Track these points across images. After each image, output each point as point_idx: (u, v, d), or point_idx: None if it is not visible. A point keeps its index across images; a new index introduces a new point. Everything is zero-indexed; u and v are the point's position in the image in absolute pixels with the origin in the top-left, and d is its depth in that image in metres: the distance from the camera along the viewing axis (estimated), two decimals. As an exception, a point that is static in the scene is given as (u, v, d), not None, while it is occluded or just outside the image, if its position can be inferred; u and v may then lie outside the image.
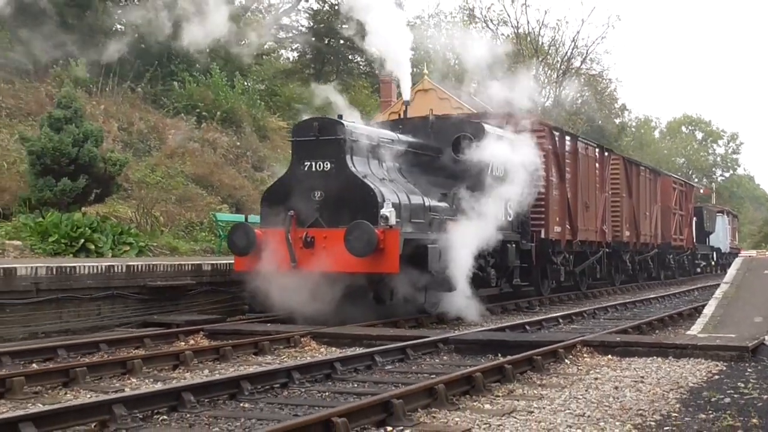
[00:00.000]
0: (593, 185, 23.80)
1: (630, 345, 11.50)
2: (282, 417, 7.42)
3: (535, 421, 7.26)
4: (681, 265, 36.17)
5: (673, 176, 36.22)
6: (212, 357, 10.80)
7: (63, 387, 8.89)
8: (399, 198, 14.57)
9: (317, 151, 14.34)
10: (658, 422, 7.21)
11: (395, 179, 15.39)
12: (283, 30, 41.38)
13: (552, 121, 29.46)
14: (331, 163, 14.26)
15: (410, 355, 11.14)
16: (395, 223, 13.66)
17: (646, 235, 29.69)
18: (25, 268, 12.82)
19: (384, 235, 13.41)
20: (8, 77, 24.52)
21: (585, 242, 22.85)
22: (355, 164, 14.44)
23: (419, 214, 15.00)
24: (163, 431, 6.93)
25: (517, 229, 18.24)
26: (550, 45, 51.07)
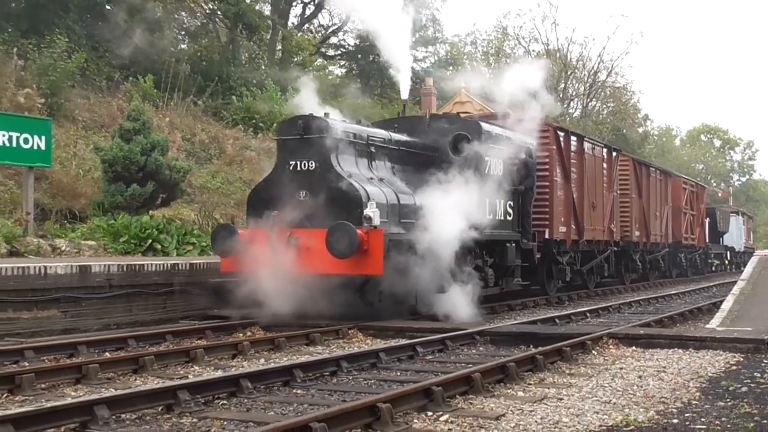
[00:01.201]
0: (600, 185, 22.19)
1: (653, 337, 11.41)
2: (331, 402, 7.43)
3: (564, 408, 7.22)
4: (693, 264, 34.84)
5: (683, 177, 34.63)
6: (267, 347, 10.85)
7: (133, 374, 8.99)
8: (387, 198, 13.30)
9: (302, 150, 13.11)
10: (679, 409, 7.14)
11: (386, 179, 13.95)
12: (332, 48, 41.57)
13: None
14: (316, 162, 13.00)
15: (449, 345, 11.12)
16: (379, 224, 12.40)
17: (656, 235, 28.13)
18: (99, 266, 12.98)
19: (367, 236, 12.16)
20: (84, 93, 24.86)
21: (592, 242, 21.34)
22: (341, 163, 13.11)
23: (410, 214, 13.70)
24: (223, 415, 6.97)
25: (517, 229, 16.78)
26: (577, 60, 50.75)
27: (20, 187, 17.36)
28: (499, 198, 15.84)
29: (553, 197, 18.66)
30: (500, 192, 15.76)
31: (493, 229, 15.58)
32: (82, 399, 6.96)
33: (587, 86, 51.47)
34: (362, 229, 12.14)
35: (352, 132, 13.59)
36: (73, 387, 8.26)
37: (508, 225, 16.37)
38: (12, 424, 5.95)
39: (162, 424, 6.67)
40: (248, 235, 12.89)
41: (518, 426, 6.53)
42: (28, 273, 11.96)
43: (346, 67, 42.79)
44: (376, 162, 14.08)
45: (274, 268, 12.10)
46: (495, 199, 15.61)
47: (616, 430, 6.31)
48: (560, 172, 19.26)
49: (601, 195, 21.93)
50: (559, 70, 49.00)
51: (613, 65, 51.65)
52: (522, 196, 16.79)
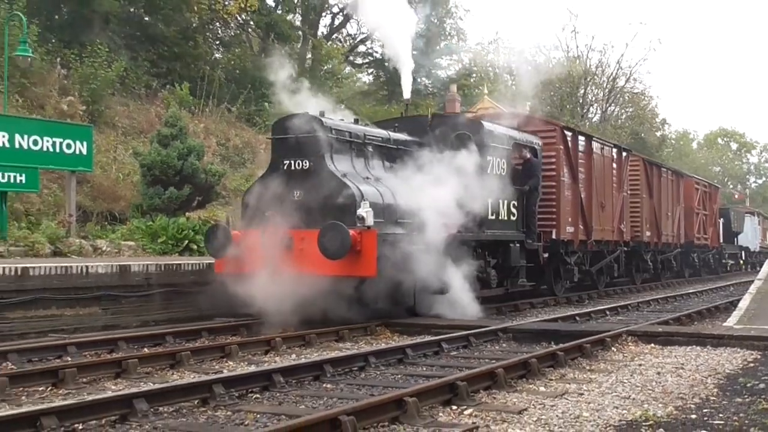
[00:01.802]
0: (610, 185, 21.16)
1: (671, 335, 11.31)
2: (360, 396, 7.43)
3: (585, 402, 7.18)
4: (706, 264, 33.90)
5: (695, 177, 33.50)
6: (299, 343, 10.86)
7: (170, 368, 9.03)
8: (383, 198, 12.52)
9: (296, 150, 12.37)
10: (697, 405, 7.07)
11: (383, 178, 13.13)
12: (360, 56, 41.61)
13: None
14: (309, 161, 12.27)
15: (473, 342, 11.08)
16: (373, 224, 11.62)
17: (668, 235, 27.07)
18: (138, 265, 13.06)
19: (360, 237, 11.43)
20: (124, 100, 25.06)
21: (601, 242, 20.40)
22: (336, 162, 12.36)
23: (407, 214, 12.87)
24: (256, 408, 6.98)
25: (521, 229, 16.00)
26: (597, 67, 50.36)
27: (63, 191, 17.52)
28: (502, 198, 15.17)
29: (560, 197, 17.91)
30: (503, 192, 15.16)
31: (496, 230, 15.02)
32: (122, 392, 7.00)
33: (606, 92, 51.10)
34: (355, 230, 11.45)
35: (347, 131, 12.94)
36: (113, 381, 8.31)
37: (512, 225, 15.69)
38: (56, 416, 6.01)
39: (198, 417, 6.70)
40: (241, 236, 12.24)
41: (540, 420, 6.50)
42: (71, 272, 12.06)
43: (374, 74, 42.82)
44: (373, 161, 13.39)
45: (266, 268, 11.45)
46: (498, 199, 14.96)
47: (635, 425, 6.26)
48: (567, 172, 18.46)
49: (610, 195, 21.12)
50: (578, 77, 48.74)
51: (631, 71, 51.28)
52: (526, 196, 16.15)
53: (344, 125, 13.03)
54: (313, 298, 11.44)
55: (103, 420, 6.36)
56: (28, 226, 15.77)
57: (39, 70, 21.69)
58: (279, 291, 11.23)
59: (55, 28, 25.47)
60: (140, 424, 6.34)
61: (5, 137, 14.49)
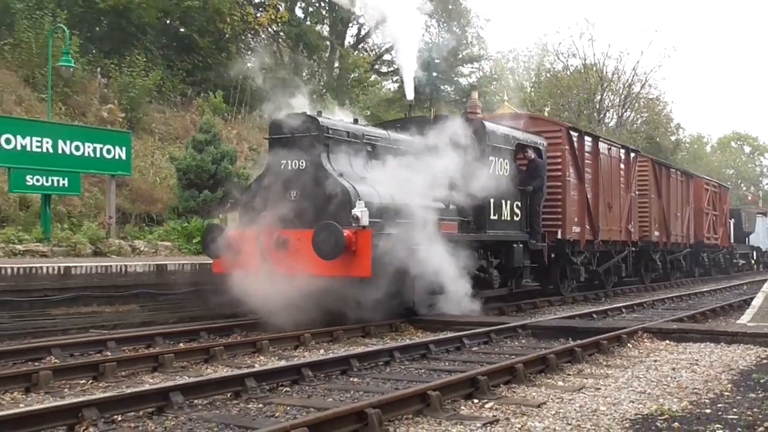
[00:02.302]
0: (617, 185, 20.39)
1: (685, 332, 11.20)
2: (385, 390, 7.42)
3: (601, 397, 7.12)
4: (717, 263, 32.93)
5: (705, 178, 32.53)
6: (327, 339, 10.85)
7: (204, 363, 9.06)
8: (381, 198, 11.83)
9: (293, 149, 11.73)
10: (711, 400, 7.00)
11: (381, 178, 12.36)
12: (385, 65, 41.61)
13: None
14: (306, 161, 11.63)
15: (493, 338, 11.04)
16: (369, 224, 10.97)
17: (677, 235, 26.20)
18: (174, 265, 13.14)
19: (355, 237, 10.82)
20: (161, 108, 25.24)
21: (608, 242, 19.67)
22: (332, 162, 11.71)
23: (406, 214, 12.19)
24: (286, 401, 7.00)
25: (525, 229, 15.37)
26: (613, 73, 50.03)
27: (103, 194, 17.67)
28: (505, 198, 14.58)
29: (566, 197, 17.25)
30: (506, 192, 14.61)
31: (498, 230, 14.40)
32: (158, 386, 7.04)
33: (622, 98, 50.77)
34: (350, 229, 10.83)
35: (345, 130, 12.26)
36: (150, 374, 8.36)
37: (516, 226, 15.05)
38: (97, 408, 6.05)
39: (230, 409, 6.72)
40: (237, 236, 11.62)
41: (558, 413, 6.46)
42: (111, 271, 12.16)
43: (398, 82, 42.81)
44: (372, 161, 12.65)
45: (261, 268, 11.00)
46: (500, 199, 14.38)
47: (651, 419, 6.20)
48: (573, 173, 17.75)
49: (618, 195, 20.36)
50: (595, 83, 48.48)
51: (646, 78, 50.97)
52: (530, 197, 15.52)
53: (341, 124, 12.42)
54: (309, 298, 10.97)
55: (140, 411, 6.39)
56: (70, 228, 15.92)
57: (81, 80, 21.90)
58: (274, 291, 10.80)
59: (96, 39, 25.69)
60: (176, 416, 6.37)
61: (49, 143, 14.63)
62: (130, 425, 6.08)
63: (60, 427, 5.84)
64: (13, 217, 15.92)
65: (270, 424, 5.88)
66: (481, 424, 6.06)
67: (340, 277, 10.94)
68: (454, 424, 6.09)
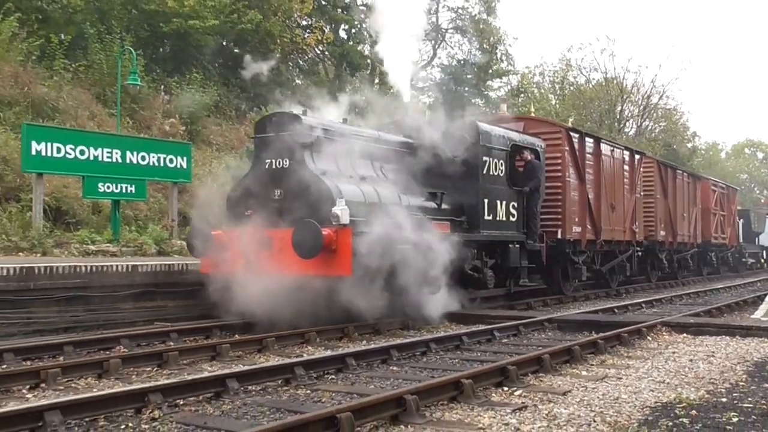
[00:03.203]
0: (621, 186, 19.16)
1: (702, 326, 11.03)
2: (422, 378, 7.41)
3: (623, 386, 7.04)
4: (725, 262, 31.61)
5: (712, 179, 30.91)
6: (369, 331, 10.86)
7: (257, 352, 9.11)
8: (366, 197, 10.91)
9: (277, 148, 10.84)
10: (727, 389, 6.87)
11: (369, 177, 11.52)
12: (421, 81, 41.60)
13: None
14: (289, 159, 10.74)
15: (522, 331, 10.97)
16: (349, 222, 10.09)
17: (683, 235, 24.91)
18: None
19: (336, 235, 9.97)
20: (217, 121, 25.47)
21: (611, 242, 18.51)
22: (316, 161, 10.82)
23: (393, 213, 11.15)
24: (332, 387, 7.02)
25: (522, 230, 14.26)
26: (632, 86, 49.42)
27: (166, 199, 17.86)
28: (500, 199, 13.57)
29: (566, 198, 16.16)
30: (501, 193, 13.62)
31: (492, 230, 13.33)
32: (216, 373, 7.09)
33: (641, 108, 50.13)
34: (331, 228, 9.99)
35: (331, 129, 11.33)
36: (209, 363, 8.44)
37: (512, 226, 13.95)
38: (161, 393, 6.12)
39: (281, 395, 6.76)
40: (222, 236, 10.79)
41: (582, 401, 6.39)
42: (173, 269, 12.29)
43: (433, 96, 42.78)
44: (360, 161, 11.65)
45: (245, 268, 10.21)
46: (495, 199, 13.40)
47: (670, 407, 6.11)
48: (574, 173, 16.66)
49: (621, 196, 19.15)
50: (616, 95, 48.01)
51: (664, 89, 50.30)
52: (527, 198, 14.42)
53: (327, 123, 11.44)
54: (293, 298, 10.18)
55: (200, 396, 6.45)
56: (137, 230, 16.13)
57: (146, 97, 22.19)
58: (258, 291, 10.03)
59: (159, 60, 26.02)
60: (232, 401, 6.41)
61: (118, 154, 14.85)
62: (190, 409, 6.14)
63: (129, 409, 5.92)
64: (86, 220, 16.16)
65: (317, 408, 5.91)
66: (511, 410, 6.02)
67: (322, 276, 10.07)
68: (486, 410, 6.06)
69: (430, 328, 11.60)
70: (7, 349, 8.25)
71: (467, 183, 12.81)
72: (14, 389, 6.80)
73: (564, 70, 50.82)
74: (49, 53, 20.63)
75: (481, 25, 35.09)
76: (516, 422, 5.64)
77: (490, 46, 36.20)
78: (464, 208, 12.87)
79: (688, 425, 5.48)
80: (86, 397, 5.82)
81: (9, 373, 7.08)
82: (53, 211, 15.57)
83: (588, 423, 5.64)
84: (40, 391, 6.85)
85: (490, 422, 5.64)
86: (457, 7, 36.44)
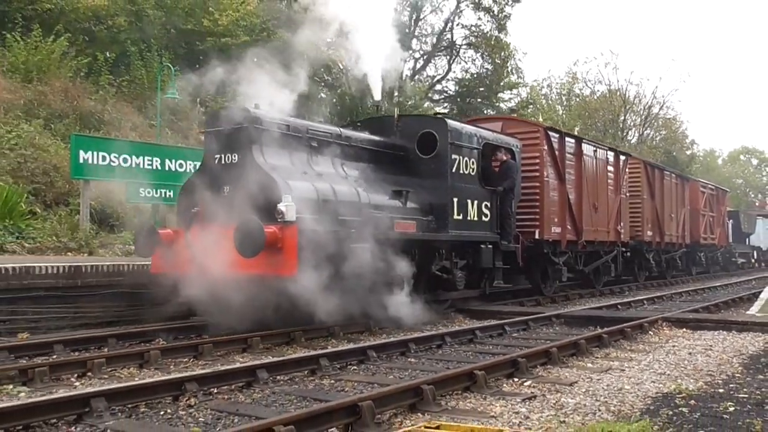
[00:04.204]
0: (605, 187, 17.75)
1: (700, 321, 10.92)
2: (438, 369, 7.38)
3: (626, 377, 6.98)
4: (715, 262, 30.20)
5: (701, 181, 29.37)
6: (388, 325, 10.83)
7: (286, 345, 9.10)
8: (320, 194, 9.60)
9: (226, 143, 9.67)
10: (724, 381, 6.80)
11: (326, 174, 10.21)
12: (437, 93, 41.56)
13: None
14: (238, 155, 9.54)
15: (531, 325, 10.91)
16: (295, 219, 8.79)
17: (671, 235, 23.38)
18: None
19: (281, 233, 8.70)
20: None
21: (594, 242, 17.03)
22: (266, 156, 9.55)
23: (353, 212, 9.97)
24: (354, 377, 7.01)
25: (495, 230, 12.86)
26: (635, 97, 49.08)
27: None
28: (471, 198, 12.22)
29: (544, 198, 14.72)
30: (472, 192, 12.28)
31: (462, 230, 11.95)
32: (247, 364, 7.11)
33: (643, 118, 49.79)
34: (276, 225, 8.74)
35: (285, 124, 10.07)
36: (240, 354, 8.45)
37: (484, 226, 12.56)
38: (197, 382, 6.15)
39: (307, 384, 6.76)
40: (168, 235, 9.62)
41: (588, 391, 6.35)
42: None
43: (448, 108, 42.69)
44: (318, 157, 10.42)
45: (189, 268, 9.06)
46: (465, 199, 12.08)
47: (670, 397, 6.05)
48: (553, 173, 15.24)
49: (605, 196, 17.70)
50: (619, 106, 47.75)
51: (664, 100, 49.92)
52: (501, 198, 13.04)
53: (280, 118, 10.13)
54: (235, 298, 9.00)
55: (233, 385, 6.47)
56: (174, 232, 16.22)
57: (183, 109, 22.36)
58: (202, 291, 8.92)
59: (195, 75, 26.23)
60: (261, 389, 6.43)
61: (158, 161, 15.00)
62: (224, 397, 6.16)
63: (167, 397, 5.95)
64: (129, 223, 16.31)
65: (341, 397, 5.90)
66: (521, 399, 5.99)
67: (266, 276, 8.82)
68: (497, 399, 6.03)
69: (445, 323, 11.53)
70: (57, 341, 8.33)
71: (435, 182, 11.68)
72: (64, 377, 6.87)
73: (570, 82, 50.64)
74: (95, 70, 20.87)
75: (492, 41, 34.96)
76: (526, 411, 5.61)
77: (501, 61, 36.07)
78: (433, 208, 11.58)
79: (687, 414, 5.42)
80: (128, 386, 5.87)
81: (59, 362, 7.14)
82: (98, 214, 15.73)
83: (593, 412, 5.60)
84: (87, 379, 6.91)
85: (502, 411, 5.61)
86: (470, 25, 36.32)
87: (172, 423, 5.37)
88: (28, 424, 5.10)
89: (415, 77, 38.04)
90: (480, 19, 36.27)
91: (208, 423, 5.34)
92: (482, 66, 37.49)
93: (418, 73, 38.31)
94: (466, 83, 37.43)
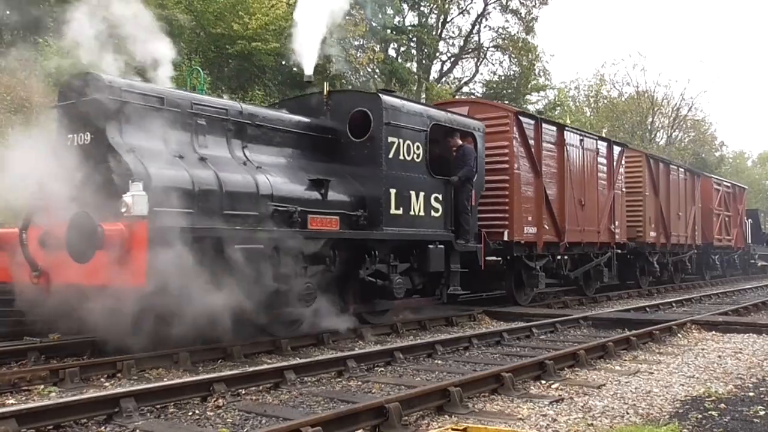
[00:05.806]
0: (594, 181, 15.52)
1: (730, 324, 10.75)
2: (465, 371, 7.34)
3: (654, 380, 6.88)
4: (731, 264, 27.44)
5: (715, 177, 26.44)
6: (416, 327, 10.82)
7: (314, 347, 9.10)
8: (197, 183, 7.68)
9: (79, 120, 7.71)
10: (754, 384, 6.67)
11: (214, 159, 8.20)
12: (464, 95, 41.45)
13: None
14: (91, 134, 7.60)
15: (558, 328, 10.81)
16: (146, 214, 6.79)
17: (679, 236, 20.83)
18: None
19: (129, 231, 6.65)
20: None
21: (580, 244, 14.94)
22: (124, 135, 7.57)
23: (245, 204, 8.16)
24: (381, 379, 6.99)
25: (449, 227, 10.90)
26: (663, 99, 48.50)
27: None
28: (416, 189, 10.27)
29: (514, 193, 12.82)
30: (417, 182, 10.32)
31: (402, 227, 10.04)
32: (274, 365, 7.10)
33: (671, 120, 49.16)
34: (123, 221, 6.73)
35: (155, 95, 8.06)
36: (268, 356, 8.46)
37: (433, 222, 10.62)
38: (225, 383, 6.18)
39: (335, 386, 6.76)
40: (6, 235, 7.64)
41: (616, 394, 6.27)
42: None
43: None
44: (207, 138, 8.44)
45: (23, 276, 7.37)
46: (408, 190, 10.14)
47: (699, 400, 5.95)
48: (526, 165, 13.25)
49: (594, 192, 15.55)
50: (647, 108, 47.22)
51: (693, 102, 49.38)
52: (456, 189, 11.10)
53: (150, 88, 8.19)
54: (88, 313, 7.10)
55: (260, 386, 6.49)
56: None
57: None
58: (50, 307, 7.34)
59: (224, 78, 26.42)
60: (289, 391, 6.43)
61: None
62: (252, 398, 6.18)
63: (195, 398, 5.98)
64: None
65: (367, 398, 5.90)
66: (548, 402, 5.93)
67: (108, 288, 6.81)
68: (525, 401, 5.98)
69: (472, 324, 11.46)
70: (88, 343, 8.40)
71: (368, 169, 9.77)
72: (94, 378, 6.93)
73: (598, 84, 50.17)
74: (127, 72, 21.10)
75: (519, 44, 34.80)
76: (553, 413, 5.55)
77: (528, 63, 35.87)
78: (365, 201, 9.73)
79: (716, 418, 5.33)
80: (157, 386, 5.90)
81: (89, 364, 7.20)
82: None
83: (621, 415, 5.53)
84: (117, 380, 6.96)
85: (529, 413, 5.56)
86: (497, 27, 36.23)
87: (200, 423, 5.39)
88: (59, 424, 5.16)
89: (442, 79, 37.98)
90: (507, 21, 36.16)
91: (236, 424, 5.35)
92: (509, 68, 37.31)
93: (445, 75, 38.25)
94: (494, 85, 37.29)
